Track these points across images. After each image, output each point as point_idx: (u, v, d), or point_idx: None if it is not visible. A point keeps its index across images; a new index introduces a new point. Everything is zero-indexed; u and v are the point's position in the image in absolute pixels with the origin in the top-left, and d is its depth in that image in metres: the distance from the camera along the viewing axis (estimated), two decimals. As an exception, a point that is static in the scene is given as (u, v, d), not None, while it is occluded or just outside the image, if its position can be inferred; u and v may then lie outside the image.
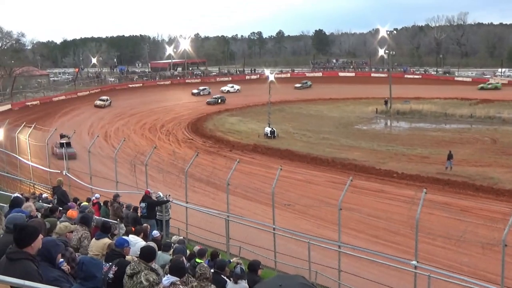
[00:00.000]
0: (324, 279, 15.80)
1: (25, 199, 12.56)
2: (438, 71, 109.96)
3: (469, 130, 56.75)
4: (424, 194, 13.77)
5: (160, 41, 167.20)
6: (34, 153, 32.14)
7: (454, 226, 21.35)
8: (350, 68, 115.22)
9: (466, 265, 19.49)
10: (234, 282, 9.21)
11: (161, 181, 28.19)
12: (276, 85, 67.28)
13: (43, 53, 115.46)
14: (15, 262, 4.97)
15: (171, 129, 60.67)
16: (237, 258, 13.35)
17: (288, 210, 26.62)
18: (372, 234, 24.12)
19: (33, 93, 79.17)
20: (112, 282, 7.19)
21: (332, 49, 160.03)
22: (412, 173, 37.46)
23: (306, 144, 50.91)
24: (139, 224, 14.01)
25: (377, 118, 68.91)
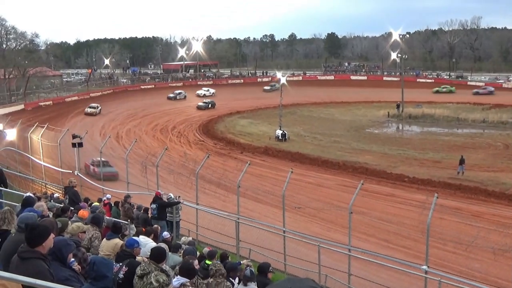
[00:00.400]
0: (333, 282, 15.75)
1: (37, 198, 12.64)
2: (451, 75, 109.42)
3: (481, 135, 56.39)
4: (435, 198, 13.69)
5: (172, 43, 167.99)
6: (46, 153, 32.32)
7: (465, 232, 21.23)
8: (362, 72, 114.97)
9: (477, 271, 19.35)
10: (244, 285, 9.19)
11: (172, 182, 28.26)
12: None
13: (56, 53, 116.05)
14: (27, 261, 5.00)
15: (183, 130, 60.81)
16: (247, 261, 13.35)
17: (298, 213, 26.60)
18: (383, 238, 24.02)
19: (46, 93, 79.66)
20: (122, 283, 7.20)
21: (344, 52, 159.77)
22: (424, 178, 37.29)
23: (317, 147, 50.82)
24: (149, 225, 14.03)
25: (388, 122, 68.65)
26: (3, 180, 15.69)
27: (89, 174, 34.62)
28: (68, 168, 29.07)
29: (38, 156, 31.66)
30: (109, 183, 26.16)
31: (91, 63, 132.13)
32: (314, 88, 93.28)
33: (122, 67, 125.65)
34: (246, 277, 9.26)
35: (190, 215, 20.70)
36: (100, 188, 25.35)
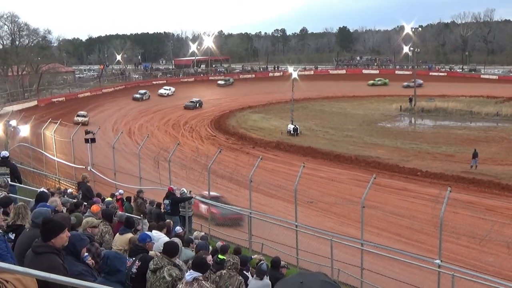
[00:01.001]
0: (346, 276, 15.72)
1: (51, 194, 12.73)
2: (464, 69, 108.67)
3: (495, 129, 55.97)
4: (448, 192, 13.61)
5: (184, 38, 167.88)
6: (59, 148, 32.53)
7: (479, 225, 21.10)
8: (374, 66, 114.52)
9: (491, 265, 19.25)
10: (260, 279, 9.22)
11: (184, 177, 28.33)
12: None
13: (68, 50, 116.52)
14: (41, 256, 5.03)
15: (194, 125, 60.94)
16: (259, 255, 13.38)
17: (310, 207, 26.55)
18: (396, 232, 23.94)
19: (59, 89, 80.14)
20: (135, 277, 7.25)
21: (356, 46, 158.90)
22: (437, 172, 37.09)
23: (329, 141, 50.72)
24: (162, 220, 14.09)
25: (401, 116, 68.32)
26: (18, 176, 15.81)
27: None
28: (81, 164, 29.22)
29: (52, 152, 31.86)
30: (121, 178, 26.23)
31: (103, 59, 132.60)
32: (326, 83, 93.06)
33: (134, 63, 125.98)
34: (262, 271, 9.28)
35: (203, 210, 20.77)
36: (113, 183, 25.48)
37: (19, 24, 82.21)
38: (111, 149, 26.98)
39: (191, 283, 6.33)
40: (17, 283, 4.05)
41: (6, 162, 15.73)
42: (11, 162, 16.60)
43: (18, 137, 35.62)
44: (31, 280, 4.23)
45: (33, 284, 4.25)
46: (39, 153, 32.74)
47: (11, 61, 76.92)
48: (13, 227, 6.99)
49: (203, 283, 6.35)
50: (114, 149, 26.54)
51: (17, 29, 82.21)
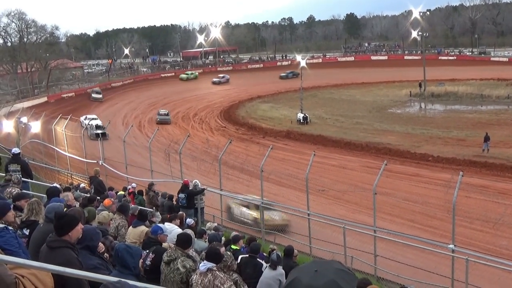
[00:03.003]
0: (360, 263, 15.72)
1: (64, 189, 12.82)
2: (474, 52, 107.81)
3: (506, 111, 55.51)
4: (460, 177, 13.54)
5: (191, 30, 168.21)
6: (70, 144, 32.68)
7: (492, 209, 20.96)
8: (383, 52, 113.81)
9: (505, 248, 19.16)
10: (273, 269, 9.24)
11: (195, 169, 28.38)
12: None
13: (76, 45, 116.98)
14: (55, 250, 5.07)
15: (204, 117, 61.00)
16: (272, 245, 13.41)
17: (322, 195, 26.53)
18: (408, 218, 23.86)
19: (68, 85, 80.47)
20: (149, 269, 7.30)
21: (364, 32, 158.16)
22: (448, 156, 36.92)
23: (339, 129, 50.60)
24: (174, 212, 14.15)
25: (411, 101, 67.98)
26: (29, 173, 15.92)
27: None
28: (92, 158, 29.35)
29: (63, 147, 32.01)
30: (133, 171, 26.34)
31: (111, 53, 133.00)
32: (335, 70, 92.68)
33: (142, 56, 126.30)
34: (273, 261, 9.30)
35: (214, 201, 20.81)
36: (125, 177, 25.60)
37: (27, 21, 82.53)
38: (121, 143, 27.06)
39: (205, 274, 6.36)
40: (33, 278, 4.08)
41: (18, 159, 15.84)
42: (22, 159, 16.71)
43: (29, 134, 35.80)
44: (46, 275, 4.26)
45: (49, 278, 4.28)
46: (51, 149, 32.90)
47: (20, 58, 77.21)
48: (27, 223, 7.05)
49: (217, 273, 6.38)
50: (125, 142, 26.63)
51: (24, 26, 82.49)
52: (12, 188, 10.61)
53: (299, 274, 7.79)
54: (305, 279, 7.42)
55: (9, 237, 5.67)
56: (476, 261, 13.05)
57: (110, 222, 9.82)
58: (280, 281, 8.98)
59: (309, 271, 7.66)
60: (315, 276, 7.40)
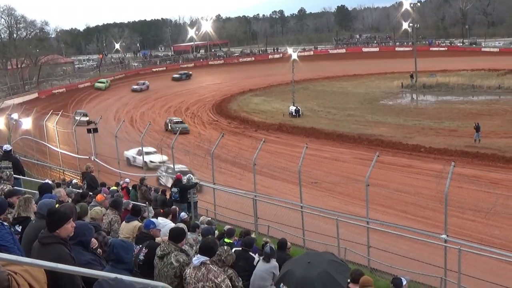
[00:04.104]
0: (353, 255, 15.79)
1: (56, 185, 12.79)
2: (464, 43, 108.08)
3: (497, 101, 55.66)
4: (452, 167, 13.59)
5: (181, 24, 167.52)
6: (62, 140, 32.57)
7: (484, 199, 21.07)
8: (374, 43, 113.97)
9: (497, 238, 19.30)
10: (266, 261, 9.26)
11: (188, 163, 28.38)
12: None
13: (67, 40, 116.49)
14: (48, 246, 5.06)
15: (196, 111, 60.92)
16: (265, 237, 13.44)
17: (315, 188, 26.60)
18: (401, 209, 23.98)
19: (59, 81, 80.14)
20: (143, 264, 7.31)
21: (355, 24, 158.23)
22: (440, 147, 37.04)
23: (331, 121, 50.66)
24: (167, 207, 14.15)
25: (403, 93, 68.12)
26: (20, 169, 15.86)
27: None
28: (84, 154, 29.28)
29: (55, 144, 31.91)
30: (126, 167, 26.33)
31: (101, 48, 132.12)
32: (326, 62, 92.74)
33: (133, 51, 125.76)
34: (267, 254, 9.33)
35: (208, 195, 20.82)
36: (117, 172, 25.56)
37: (16, 17, 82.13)
38: (113, 138, 27.01)
39: (199, 268, 6.37)
40: (25, 275, 4.07)
41: (9, 156, 15.78)
42: (13, 156, 16.66)
43: (20, 130, 35.67)
44: (39, 271, 4.25)
45: (41, 274, 4.27)
46: (42, 145, 32.81)
47: (9, 54, 76.85)
48: (19, 219, 7.03)
49: (210, 267, 6.39)
50: (117, 138, 26.57)
51: (14, 22, 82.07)
52: (4, 185, 10.58)
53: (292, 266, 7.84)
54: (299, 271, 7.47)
55: (5, 232, 5.69)
56: (469, 250, 13.14)
57: (103, 218, 9.81)
58: (274, 273, 9.01)
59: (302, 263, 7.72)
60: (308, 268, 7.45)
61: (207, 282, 6.25)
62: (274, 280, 8.81)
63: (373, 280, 8.13)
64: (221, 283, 6.28)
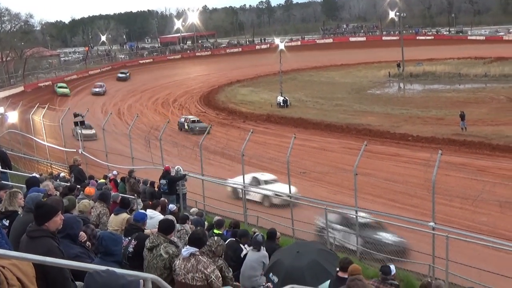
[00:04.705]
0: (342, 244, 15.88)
1: (44, 179, 12.71)
2: (451, 31, 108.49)
3: (484, 89, 56.00)
4: (439, 155, 13.68)
5: (168, 15, 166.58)
6: (49, 133, 32.38)
7: (471, 186, 21.22)
8: (361, 33, 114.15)
9: (485, 224, 19.42)
10: (257, 250, 9.30)
11: (176, 155, 28.32)
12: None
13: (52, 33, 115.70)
14: (36, 240, 5.03)
15: (184, 103, 60.73)
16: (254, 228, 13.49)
17: (304, 178, 26.64)
18: (389, 198, 24.07)
19: (45, 74, 79.55)
20: (132, 256, 7.30)
21: (342, 14, 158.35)
22: (427, 136, 37.22)
23: (319, 111, 50.71)
24: (156, 199, 14.13)
25: (390, 82, 68.31)
26: (7, 163, 15.74)
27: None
28: (72, 147, 29.12)
29: (41, 137, 31.70)
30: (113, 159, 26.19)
31: (87, 40, 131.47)
32: (313, 52, 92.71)
33: (119, 43, 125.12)
34: (258, 242, 9.37)
35: (197, 187, 20.80)
36: (105, 165, 25.45)
37: (0, 10, 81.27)
38: (101, 131, 26.87)
39: (188, 259, 6.38)
40: (14, 269, 4.05)
41: (-4, 149, 15.66)
42: (0, 149, 16.53)
43: (6, 124, 35.44)
44: (27, 265, 4.23)
45: (30, 268, 4.26)
46: (29, 139, 32.59)
47: (-6, 48, 76.13)
48: (6, 213, 6.99)
49: (200, 258, 6.40)
50: (104, 130, 26.44)
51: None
52: (-10, 180, 10.51)
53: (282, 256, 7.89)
54: (288, 260, 7.53)
55: (-8, 227, 5.65)
56: (456, 237, 13.24)
57: (91, 211, 9.78)
58: (264, 263, 9.05)
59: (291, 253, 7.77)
60: (297, 257, 7.50)
61: (197, 273, 6.27)
62: (264, 269, 8.85)
63: (362, 268, 8.18)
64: (210, 274, 6.29)
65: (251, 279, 9.09)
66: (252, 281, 9.00)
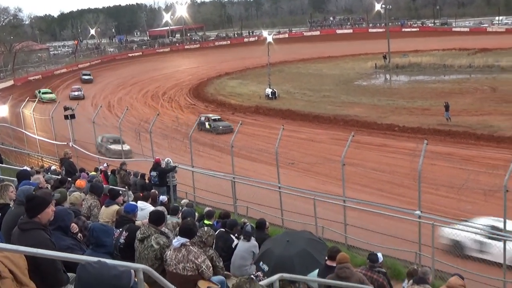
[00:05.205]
0: (331, 233, 15.94)
1: (35, 172, 12.64)
2: (436, 23, 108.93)
3: (468, 80, 56.26)
4: (425, 145, 13.76)
5: (156, 8, 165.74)
6: (39, 126, 32.19)
7: (456, 175, 21.35)
8: (348, 25, 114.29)
9: (470, 212, 19.52)
10: (247, 240, 9.34)
11: (166, 147, 28.26)
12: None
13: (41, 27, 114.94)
14: (27, 232, 5.02)
15: (173, 95, 60.49)
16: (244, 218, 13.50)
17: (292, 168, 26.72)
18: (377, 188, 24.17)
19: (34, 67, 79.10)
20: (123, 247, 7.29)
21: (329, 7, 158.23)
22: (413, 126, 37.36)
23: (307, 103, 50.72)
24: (147, 191, 14.10)
25: (376, 73, 68.42)
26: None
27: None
28: (62, 140, 28.94)
29: (32, 131, 31.52)
30: (104, 152, 26.11)
31: (76, 34, 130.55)
32: (301, 45, 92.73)
33: (108, 36, 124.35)
34: (248, 232, 9.41)
35: (187, 178, 20.77)
36: (96, 158, 25.35)
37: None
38: (91, 124, 26.74)
39: (179, 249, 6.38)
40: (6, 261, 4.04)
41: (-14, 143, 15.56)
42: (-9, 143, 16.44)
43: (-4, 118, 35.16)
44: (19, 257, 4.23)
45: (22, 260, 4.25)
46: (20, 132, 32.37)
47: (-17, 42, 75.52)
48: (-3, 206, 6.95)
49: (190, 248, 6.41)
50: (95, 123, 26.32)
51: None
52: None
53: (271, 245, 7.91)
54: (278, 249, 7.55)
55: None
56: (442, 225, 13.36)
57: (82, 203, 9.74)
58: (254, 252, 9.09)
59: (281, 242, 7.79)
60: (287, 246, 7.52)
61: (188, 263, 6.27)
62: (254, 259, 8.88)
63: (350, 256, 8.22)
64: (201, 264, 6.30)
65: (241, 268, 9.12)
66: (242, 270, 9.03)
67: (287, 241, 7.68)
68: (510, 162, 12.27)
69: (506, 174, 12.14)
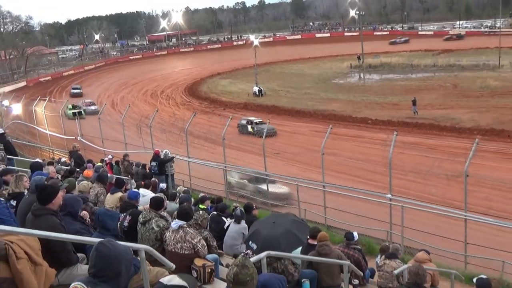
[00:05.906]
0: (312, 215, 16.02)
1: (47, 163, 12.57)
2: (404, 27, 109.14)
3: (432, 78, 56.43)
4: (395, 136, 13.86)
5: (154, 16, 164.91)
6: (50, 123, 31.93)
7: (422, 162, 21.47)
8: (325, 29, 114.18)
9: (435, 195, 19.69)
10: (237, 223, 9.36)
11: (165, 140, 28.11)
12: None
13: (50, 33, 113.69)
14: (40, 218, 5.02)
15: (170, 94, 60.23)
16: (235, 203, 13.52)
17: (277, 158, 26.75)
18: (353, 174, 24.24)
19: (45, 69, 78.54)
20: (127, 230, 7.27)
21: (309, 13, 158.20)
22: (385, 119, 37.49)
23: (290, 99, 50.69)
24: (147, 179, 14.07)
25: (351, 73, 68.45)
26: (12, 150, 15.53)
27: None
28: (71, 135, 28.75)
29: (43, 126, 31.28)
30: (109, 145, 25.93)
31: (82, 39, 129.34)
32: (284, 47, 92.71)
33: (111, 41, 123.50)
34: (238, 216, 9.43)
35: (183, 168, 20.74)
36: (102, 150, 25.21)
37: (2, 12, 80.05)
38: (97, 120, 26.55)
39: (177, 231, 6.38)
40: (21, 243, 4.05)
41: (1, 139, 15.44)
42: (6, 139, 16.29)
43: (11, 115, 34.85)
44: (33, 240, 4.23)
45: (36, 243, 4.25)
46: (32, 128, 32.11)
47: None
48: (13, 195, 6.93)
49: (187, 229, 6.41)
50: (100, 119, 26.15)
51: (1, 17, 79.55)
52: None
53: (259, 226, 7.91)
54: (265, 230, 7.55)
55: (1, 207, 5.67)
56: (410, 207, 13.46)
57: (90, 191, 9.71)
58: (244, 233, 9.11)
59: (268, 223, 7.79)
60: (273, 227, 7.53)
61: (185, 243, 6.27)
62: (244, 239, 8.89)
63: (329, 235, 8.28)
64: (197, 243, 6.30)
65: (232, 247, 9.16)
66: (233, 249, 9.07)
67: (273, 223, 7.70)
68: (470, 150, 12.39)
69: (466, 161, 12.25)
